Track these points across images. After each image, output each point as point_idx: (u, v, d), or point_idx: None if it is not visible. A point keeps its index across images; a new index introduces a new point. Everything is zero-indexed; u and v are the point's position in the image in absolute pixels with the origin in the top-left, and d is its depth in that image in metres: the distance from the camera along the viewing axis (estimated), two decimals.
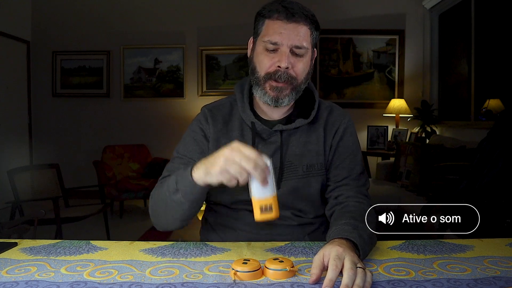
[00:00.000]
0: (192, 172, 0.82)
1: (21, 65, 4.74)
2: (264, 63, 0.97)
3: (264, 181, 0.74)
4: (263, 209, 0.76)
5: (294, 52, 0.96)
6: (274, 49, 0.96)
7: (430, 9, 4.62)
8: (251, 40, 1.05)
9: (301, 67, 0.98)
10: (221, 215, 1.05)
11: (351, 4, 4.76)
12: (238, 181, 0.76)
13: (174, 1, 4.85)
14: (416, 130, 4.33)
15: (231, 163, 0.74)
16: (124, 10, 4.86)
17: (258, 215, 0.77)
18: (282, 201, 1.00)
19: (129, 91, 4.92)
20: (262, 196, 0.76)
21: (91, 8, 4.87)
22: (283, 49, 0.95)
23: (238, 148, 0.75)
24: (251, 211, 1.03)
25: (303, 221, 1.03)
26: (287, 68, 0.95)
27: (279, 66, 0.95)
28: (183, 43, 4.87)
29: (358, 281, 0.64)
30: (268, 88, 0.98)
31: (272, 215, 0.76)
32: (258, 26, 1.01)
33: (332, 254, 0.69)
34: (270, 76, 0.97)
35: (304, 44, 0.96)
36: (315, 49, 1.05)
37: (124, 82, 4.91)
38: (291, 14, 0.95)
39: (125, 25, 4.87)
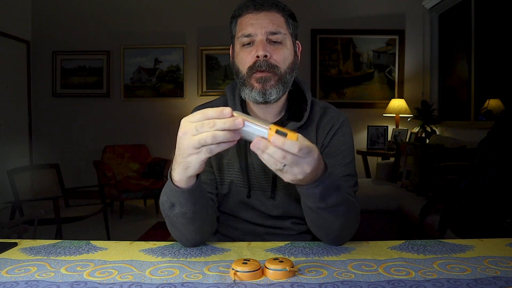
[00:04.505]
0: (172, 176, 0.75)
1: (21, 65, 4.75)
2: (243, 59, 0.95)
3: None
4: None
5: (271, 39, 0.94)
6: (250, 42, 0.94)
7: (430, 9, 4.62)
8: (230, 47, 1.03)
9: (281, 55, 0.94)
10: (220, 223, 1.04)
11: (351, 4, 4.76)
12: (218, 145, 0.65)
13: (174, 1, 4.85)
14: (416, 130, 4.33)
15: (189, 136, 0.65)
16: (124, 10, 4.87)
17: None
18: (282, 211, 1.00)
19: (129, 91, 4.92)
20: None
21: (91, 8, 4.87)
22: (258, 38, 0.93)
23: (193, 116, 0.66)
24: (251, 222, 1.03)
25: (302, 229, 1.01)
26: (265, 56, 0.92)
27: (257, 56, 0.92)
28: (183, 43, 4.88)
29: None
30: (254, 82, 0.94)
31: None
32: (232, 28, 1.00)
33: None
34: (252, 69, 0.93)
35: (280, 30, 0.94)
36: (298, 42, 1.02)
37: (124, 82, 4.91)
38: (260, 4, 0.94)
39: (125, 25, 4.87)
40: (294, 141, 0.63)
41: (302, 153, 0.64)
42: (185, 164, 0.69)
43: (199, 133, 0.64)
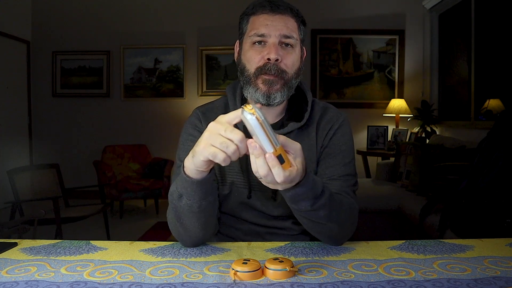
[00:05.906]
0: (184, 168, 0.77)
1: (21, 65, 4.74)
2: (252, 58, 0.94)
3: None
4: None
5: (283, 43, 0.94)
6: (261, 41, 0.94)
7: (430, 9, 4.62)
8: (237, 43, 1.03)
9: (290, 60, 0.94)
10: (222, 224, 1.04)
11: (351, 4, 4.76)
12: (229, 157, 0.67)
13: (174, 1, 4.85)
14: (416, 130, 4.33)
15: (215, 135, 0.67)
16: (124, 10, 4.87)
17: None
18: (283, 211, 0.99)
19: (129, 91, 4.92)
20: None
21: (91, 8, 4.87)
22: (271, 40, 0.92)
23: (223, 119, 0.68)
24: (252, 223, 1.02)
25: (304, 228, 1.01)
26: (276, 60, 0.92)
27: (268, 59, 0.92)
28: (183, 43, 4.88)
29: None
30: (260, 83, 0.93)
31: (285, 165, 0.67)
32: (243, 25, 0.99)
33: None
34: (260, 70, 0.93)
35: (293, 35, 0.94)
36: (304, 47, 1.02)
37: (124, 82, 4.91)
38: (276, 6, 0.94)
39: (125, 25, 4.87)
40: (283, 171, 0.66)
41: (282, 182, 0.67)
42: (194, 151, 0.73)
43: (217, 148, 0.67)
